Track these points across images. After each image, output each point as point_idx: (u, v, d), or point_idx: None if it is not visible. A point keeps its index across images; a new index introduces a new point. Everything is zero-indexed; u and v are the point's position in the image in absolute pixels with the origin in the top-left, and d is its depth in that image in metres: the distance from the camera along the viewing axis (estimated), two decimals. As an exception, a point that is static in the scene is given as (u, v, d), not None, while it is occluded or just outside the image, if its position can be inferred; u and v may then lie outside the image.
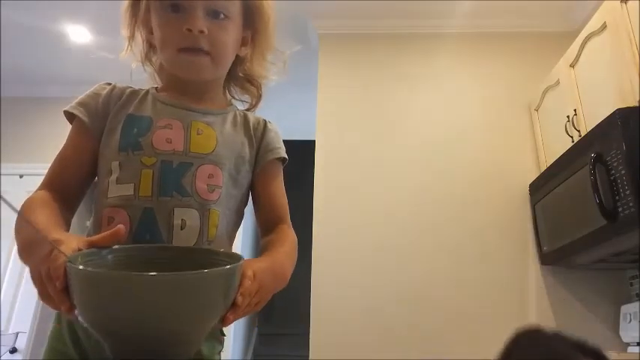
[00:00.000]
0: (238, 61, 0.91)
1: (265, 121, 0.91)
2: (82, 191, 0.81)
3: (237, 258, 0.60)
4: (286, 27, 2.83)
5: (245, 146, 0.85)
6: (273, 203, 0.87)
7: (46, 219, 0.67)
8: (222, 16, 0.81)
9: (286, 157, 0.90)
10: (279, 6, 0.92)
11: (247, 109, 0.94)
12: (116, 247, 0.60)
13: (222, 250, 0.69)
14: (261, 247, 0.83)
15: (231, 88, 0.94)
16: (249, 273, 0.62)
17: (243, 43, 0.89)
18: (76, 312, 0.54)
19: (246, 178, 0.85)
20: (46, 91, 3.35)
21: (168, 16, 0.79)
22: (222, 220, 0.79)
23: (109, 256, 0.59)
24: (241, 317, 0.62)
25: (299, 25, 2.80)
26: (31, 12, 2.66)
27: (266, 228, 0.86)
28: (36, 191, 0.76)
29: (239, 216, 0.85)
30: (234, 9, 0.83)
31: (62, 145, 0.81)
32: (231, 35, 0.83)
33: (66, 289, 0.53)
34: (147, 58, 0.88)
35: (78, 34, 2.85)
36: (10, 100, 3.32)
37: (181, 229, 0.74)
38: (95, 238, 0.60)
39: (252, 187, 0.87)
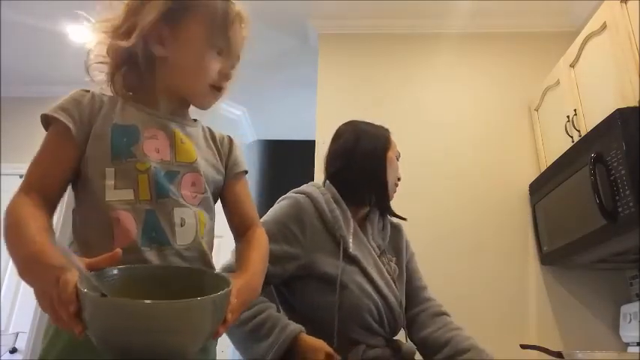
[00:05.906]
0: None
1: (229, 136, 1.01)
2: (62, 193, 0.81)
3: (226, 281, 0.65)
4: (286, 27, 2.83)
5: (216, 157, 0.94)
6: (245, 208, 0.96)
7: (40, 237, 0.67)
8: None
9: (247, 169, 1.01)
10: (279, 6, 0.94)
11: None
12: (114, 270, 0.64)
13: (212, 270, 0.80)
14: (236, 252, 0.94)
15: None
16: (234, 292, 0.67)
17: None
18: (87, 332, 0.58)
19: (218, 187, 0.94)
20: (46, 91, 3.34)
21: (211, 55, 0.87)
22: (206, 220, 0.87)
23: (109, 280, 0.63)
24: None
25: (299, 25, 2.80)
26: (31, 12, 2.66)
27: (240, 231, 0.95)
28: (17, 195, 0.76)
29: (213, 217, 0.93)
30: None
31: (40, 147, 0.81)
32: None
33: (78, 313, 0.57)
34: (118, 66, 0.91)
35: (78, 34, 2.85)
36: (10, 100, 3.32)
37: (181, 227, 0.81)
38: (94, 261, 0.63)
39: (221, 195, 0.95)
